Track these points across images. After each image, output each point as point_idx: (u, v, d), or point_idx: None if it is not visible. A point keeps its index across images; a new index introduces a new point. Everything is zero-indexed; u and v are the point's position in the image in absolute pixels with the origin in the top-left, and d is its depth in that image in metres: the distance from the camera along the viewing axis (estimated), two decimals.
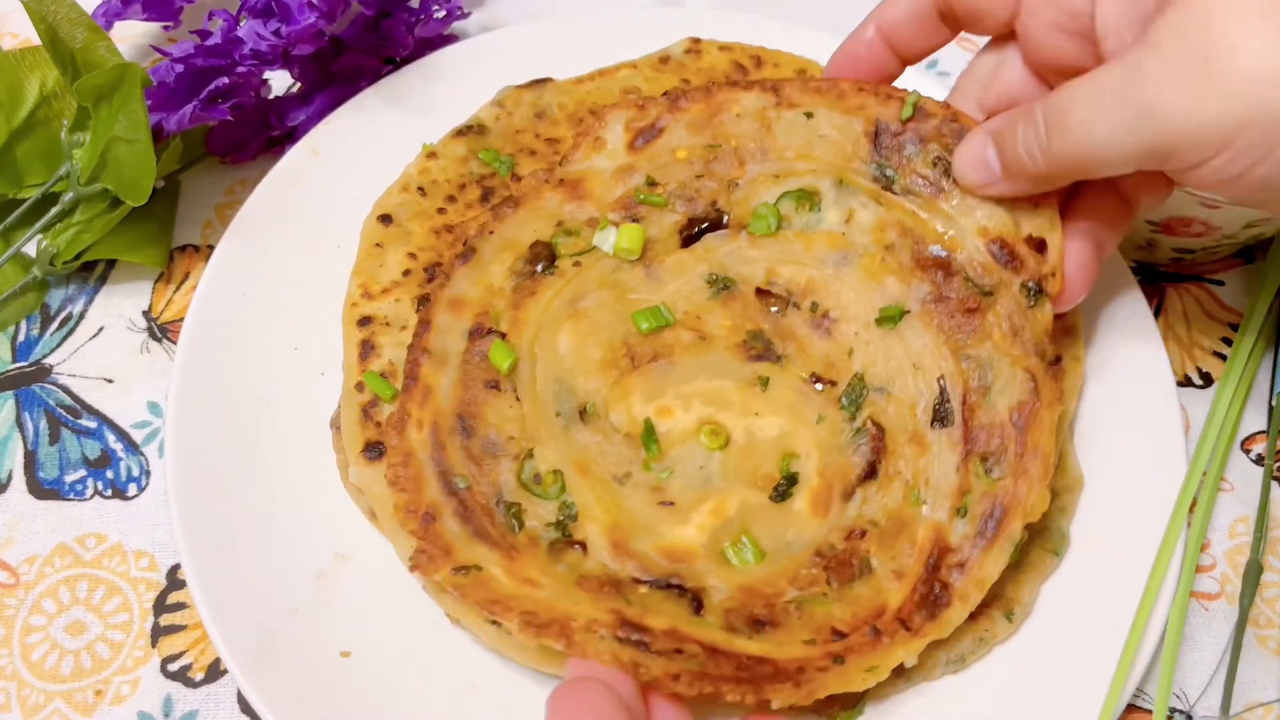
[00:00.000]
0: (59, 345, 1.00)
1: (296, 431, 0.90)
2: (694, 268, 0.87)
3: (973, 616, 0.80)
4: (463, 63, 1.09)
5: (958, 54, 1.24)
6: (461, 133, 1.02)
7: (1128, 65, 0.68)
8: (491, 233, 0.86)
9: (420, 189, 0.98)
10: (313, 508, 0.86)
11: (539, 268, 0.86)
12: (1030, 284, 0.82)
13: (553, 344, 0.83)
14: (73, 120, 0.98)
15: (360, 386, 0.87)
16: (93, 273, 1.04)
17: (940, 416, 0.80)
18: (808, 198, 0.87)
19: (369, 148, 1.03)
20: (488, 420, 0.79)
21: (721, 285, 0.86)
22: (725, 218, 0.88)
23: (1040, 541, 0.85)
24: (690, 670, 0.68)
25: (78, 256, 1.00)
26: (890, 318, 0.83)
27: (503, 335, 0.82)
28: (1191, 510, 0.88)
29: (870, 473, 0.81)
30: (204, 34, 0.97)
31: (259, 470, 0.87)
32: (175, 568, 0.90)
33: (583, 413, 0.82)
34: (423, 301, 0.89)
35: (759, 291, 0.87)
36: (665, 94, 0.90)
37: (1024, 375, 0.80)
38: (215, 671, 0.85)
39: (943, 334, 0.82)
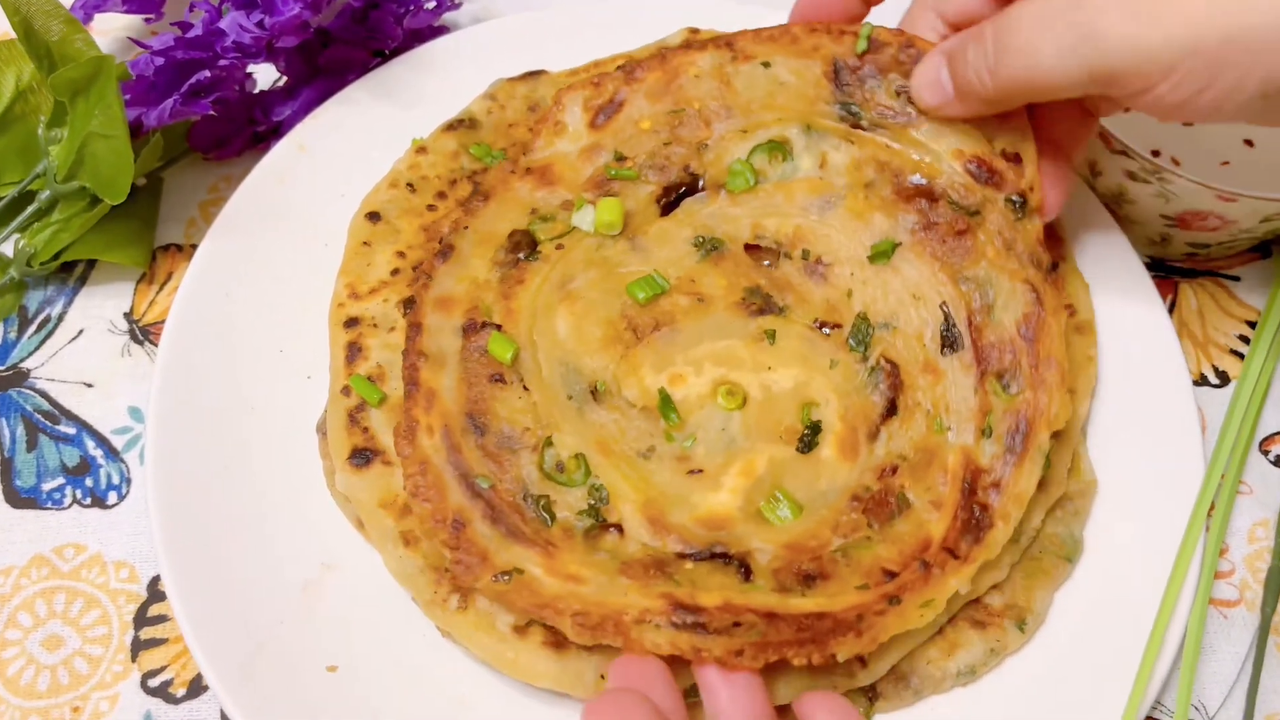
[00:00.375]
0: (37, 348, 0.97)
1: (282, 437, 0.87)
2: (678, 233, 0.86)
3: (983, 626, 0.79)
4: (453, 55, 1.06)
5: None
6: (452, 127, 0.99)
7: None
8: (466, 228, 0.85)
9: (409, 185, 0.96)
10: (299, 516, 0.84)
11: (522, 256, 0.85)
12: (1014, 198, 0.83)
13: (551, 329, 0.82)
14: (50, 116, 0.95)
15: (347, 390, 0.84)
16: (72, 273, 1.01)
17: (949, 342, 0.81)
18: (779, 148, 0.87)
19: (357, 143, 1.00)
20: (499, 415, 0.78)
21: (710, 247, 0.85)
22: (700, 180, 0.88)
23: (1052, 548, 0.83)
24: (751, 642, 0.68)
25: (56, 256, 0.97)
26: (883, 253, 0.84)
27: (498, 327, 0.81)
28: (1209, 514, 0.85)
29: (891, 409, 0.80)
30: (185, 26, 0.94)
31: (243, 477, 0.84)
32: (156, 579, 0.87)
33: (594, 392, 0.80)
34: (408, 305, 0.86)
35: (748, 247, 0.86)
36: (620, 67, 0.91)
37: (1024, 287, 0.81)
38: (197, 687, 0.83)
39: (937, 260, 0.83)
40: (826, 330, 0.84)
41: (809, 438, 0.80)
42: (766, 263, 0.87)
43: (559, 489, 0.76)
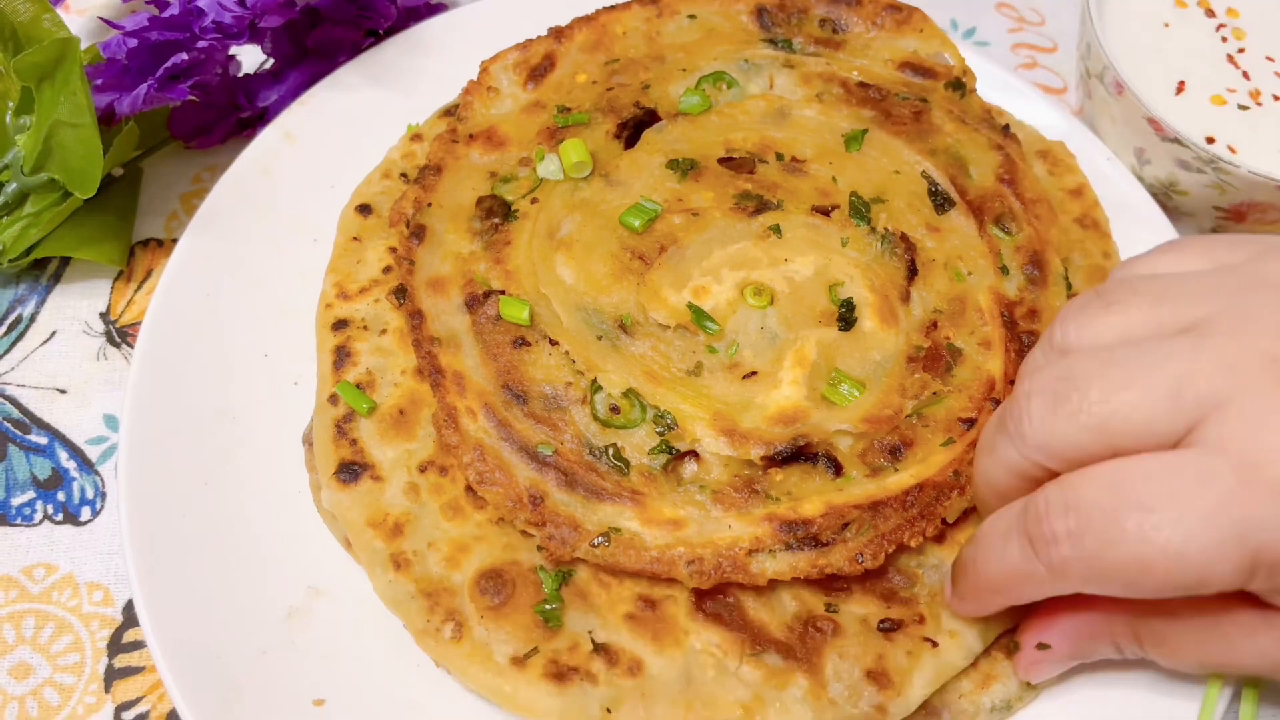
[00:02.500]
0: (7, 351, 0.92)
1: (267, 449, 0.82)
2: (649, 161, 0.87)
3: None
4: (451, 34, 1.02)
5: (996, 19, 1.17)
6: (450, 112, 0.94)
7: None
8: (429, 205, 0.84)
9: (404, 175, 0.91)
10: (284, 536, 0.79)
11: (498, 220, 0.83)
12: (950, 83, 0.92)
13: (555, 279, 0.81)
14: (17, 103, 0.88)
15: (334, 399, 0.78)
16: (45, 271, 0.96)
17: (940, 203, 0.85)
18: (722, 77, 0.91)
19: (348, 130, 0.96)
20: (534, 378, 0.77)
21: (686, 167, 0.86)
22: (654, 110, 0.90)
23: None
24: (865, 541, 0.71)
25: (27, 253, 0.92)
26: (854, 139, 0.88)
27: (500, 293, 0.79)
28: None
29: (913, 271, 0.83)
30: (161, 4, 0.89)
31: (224, 493, 0.79)
32: (132, 602, 0.81)
33: (623, 326, 0.79)
34: (399, 294, 0.82)
35: (722, 161, 0.87)
36: (549, 30, 0.94)
37: (987, 143, 0.88)
38: None
39: (903, 138, 0.88)
40: (828, 214, 0.85)
41: (846, 315, 0.80)
42: (746, 171, 0.87)
43: (622, 433, 0.75)
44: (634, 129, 0.89)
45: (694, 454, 0.75)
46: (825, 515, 0.72)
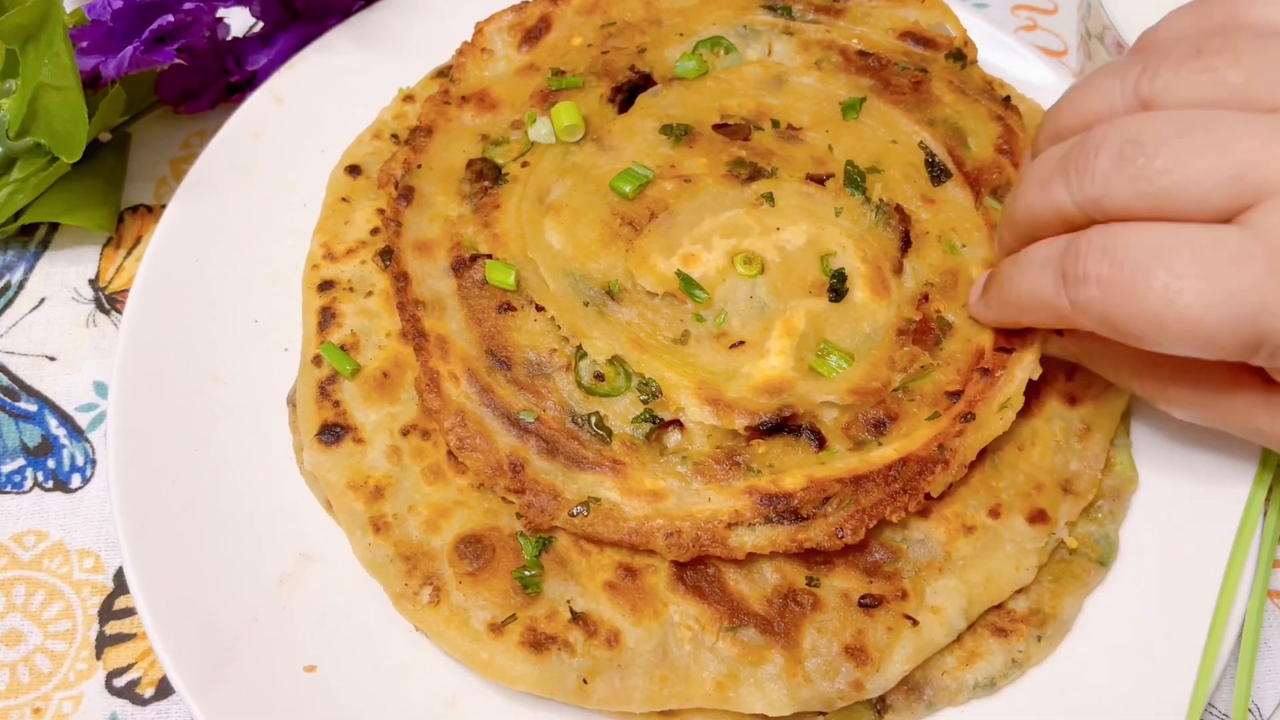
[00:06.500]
0: None
1: (257, 415, 0.81)
2: (643, 126, 0.85)
3: (1005, 634, 0.74)
4: None
5: None
6: (443, 73, 0.93)
7: None
8: (419, 166, 0.83)
9: (394, 136, 0.90)
10: (275, 502, 0.78)
11: (488, 183, 0.82)
12: (951, 53, 0.91)
13: (543, 243, 0.79)
14: (1, 66, 0.87)
15: (318, 360, 0.78)
16: (33, 237, 0.95)
17: (936, 174, 0.84)
18: (720, 43, 0.90)
19: (338, 93, 0.94)
20: (519, 344, 0.76)
21: (680, 133, 0.84)
22: (649, 75, 0.88)
23: (1085, 549, 0.77)
24: (846, 515, 0.70)
25: (15, 218, 0.91)
26: (852, 107, 0.86)
27: (488, 257, 0.78)
28: (1267, 501, 0.78)
29: (906, 243, 0.81)
30: None
31: (214, 459, 0.79)
32: (123, 569, 0.80)
33: (610, 292, 0.78)
34: (385, 255, 0.81)
35: (716, 127, 0.86)
36: None
37: (986, 114, 0.87)
38: (167, 687, 0.77)
39: (901, 108, 0.86)
40: (820, 183, 0.83)
41: (837, 285, 0.79)
42: (741, 138, 0.86)
43: (605, 401, 0.74)
44: (628, 93, 0.87)
45: (678, 423, 0.74)
46: (806, 489, 0.70)
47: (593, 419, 0.73)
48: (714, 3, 0.92)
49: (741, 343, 0.76)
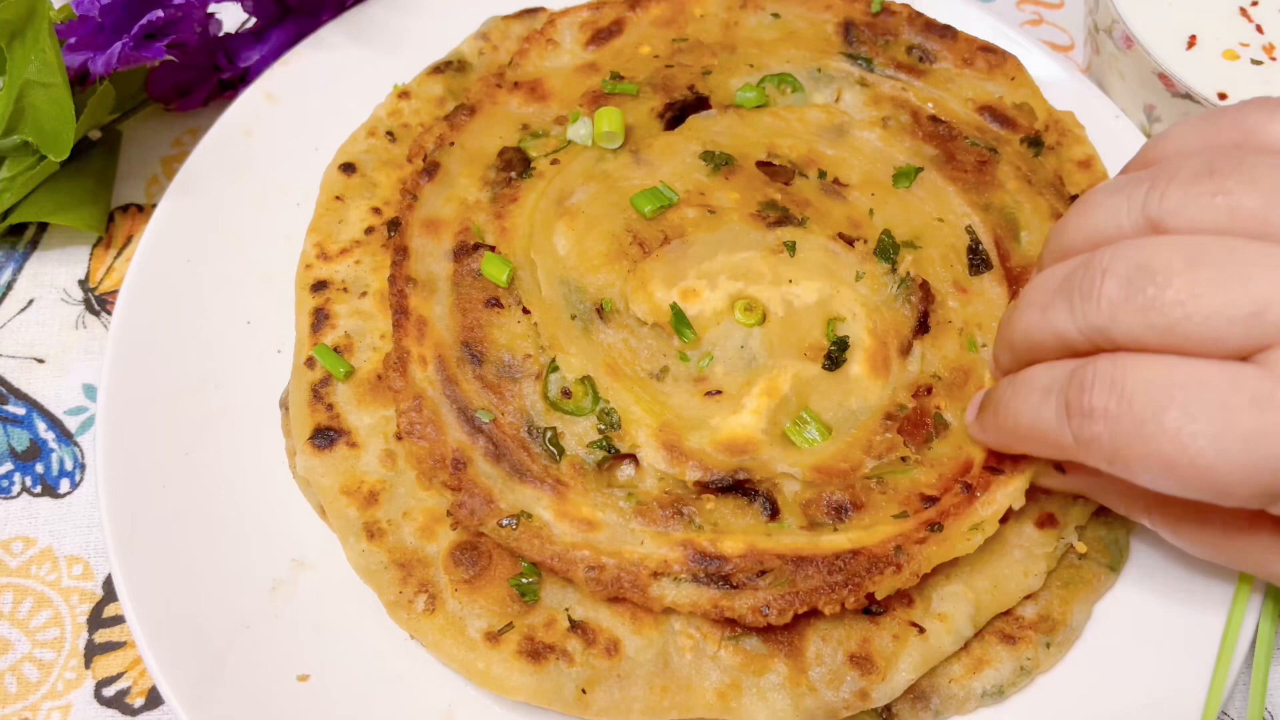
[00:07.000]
0: None
1: (250, 418, 0.80)
2: (685, 147, 0.83)
3: (1014, 641, 0.73)
4: None
5: None
6: (439, 69, 0.92)
7: None
8: (452, 144, 0.82)
9: (389, 133, 0.89)
10: (269, 508, 0.77)
11: (514, 175, 0.81)
12: (1028, 138, 0.86)
13: (549, 247, 0.78)
14: None
15: (311, 362, 0.76)
16: (22, 237, 0.94)
17: (977, 263, 0.79)
18: (788, 81, 0.87)
19: (332, 90, 0.93)
20: (497, 342, 0.74)
21: (720, 161, 0.82)
22: (707, 99, 0.86)
23: (1095, 554, 0.75)
24: (778, 594, 0.66)
25: (3, 218, 0.90)
26: (905, 175, 0.82)
27: (491, 248, 0.77)
28: None
29: (923, 325, 0.77)
30: None
31: (206, 464, 0.78)
32: (112, 576, 0.79)
33: (600, 311, 0.76)
34: (393, 227, 0.80)
35: (760, 164, 0.83)
36: None
37: (1048, 210, 0.82)
38: (158, 696, 0.76)
39: (958, 186, 0.82)
40: (849, 244, 0.79)
41: (836, 354, 0.76)
42: (782, 181, 0.82)
43: (567, 419, 0.72)
44: (680, 112, 0.85)
45: (633, 459, 0.71)
46: (744, 556, 0.67)
47: (548, 434, 0.72)
48: (794, 40, 0.89)
49: (719, 392, 0.74)
